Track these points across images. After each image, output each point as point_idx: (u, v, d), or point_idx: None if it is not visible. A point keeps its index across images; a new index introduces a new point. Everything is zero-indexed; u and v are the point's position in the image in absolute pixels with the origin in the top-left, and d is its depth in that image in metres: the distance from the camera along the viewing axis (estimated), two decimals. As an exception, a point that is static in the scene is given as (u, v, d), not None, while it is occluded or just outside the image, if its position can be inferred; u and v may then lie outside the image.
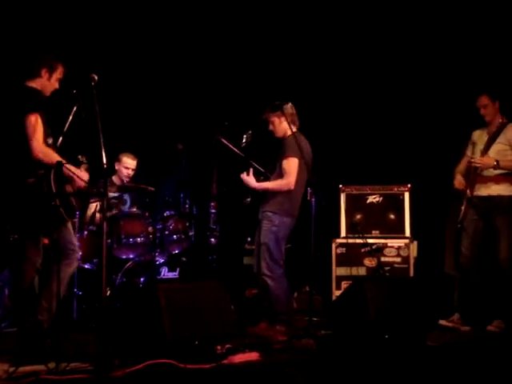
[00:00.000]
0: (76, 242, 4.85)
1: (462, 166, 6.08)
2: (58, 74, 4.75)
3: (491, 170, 5.74)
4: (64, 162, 4.48)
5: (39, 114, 4.49)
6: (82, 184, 4.74)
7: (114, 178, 6.71)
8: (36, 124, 4.45)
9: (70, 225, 4.78)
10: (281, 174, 5.64)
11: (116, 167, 6.71)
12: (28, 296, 4.68)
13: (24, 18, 6.72)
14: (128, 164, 6.67)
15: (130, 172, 6.67)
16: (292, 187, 5.60)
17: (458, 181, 5.98)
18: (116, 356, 4.17)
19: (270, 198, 5.67)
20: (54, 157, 4.51)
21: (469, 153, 6.06)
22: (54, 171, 4.47)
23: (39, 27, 6.77)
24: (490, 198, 5.79)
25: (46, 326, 4.59)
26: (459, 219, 5.94)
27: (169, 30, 7.45)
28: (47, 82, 4.71)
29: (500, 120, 5.84)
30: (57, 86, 4.78)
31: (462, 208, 5.90)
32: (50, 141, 4.64)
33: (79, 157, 4.79)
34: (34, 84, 4.67)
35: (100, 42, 7.13)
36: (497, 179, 5.77)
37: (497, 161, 5.69)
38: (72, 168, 4.62)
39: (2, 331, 5.41)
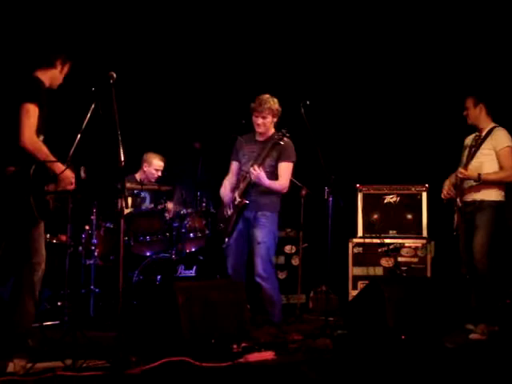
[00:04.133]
0: (43, 243, 4.54)
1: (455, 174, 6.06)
2: (67, 68, 4.68)
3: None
4: (53, 159, 4.36)
5: (37, 105, 4.35)
6: (69, 187, 4.52)
7: (137, 176, 6.75)
8: (32, 113, 4.32)
9: (41, 225, 4.51)
10: (275, 175, 5.61)
11: (145, 168, 6.77)
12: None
13: (43, 16, 6.77)
14: (159, 166, 6.78)
15: (160, 174, 6.74)
16: (286, 191, 5.66)
17: (447, 189, 5.90)
18: (132, 353, 4.18)
19: (267, 198, 5.61)
20: (43, 150, 4.36)
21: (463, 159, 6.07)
22: (36, 166, 4.31)
23: (58, 25, 6.81)
24: (473, 202, 5.74)
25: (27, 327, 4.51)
26: (454, 227, 5.90)
27: (187, 30, 7.47)
28: (59, 74, 4.63)
29: (489, 126, 5.80)
30: (62, 80, 4.69)
31: (455, 216, 5.87)
32: (41, 138, 4.46)
33: (82, 168, 4.62)
34: (43, 75, 4.55)
35: (119, 41, 7.16)
36: (481, 187, 5.71)
37: (479, 174, 5.63)
38: (60, 166, 4.42)
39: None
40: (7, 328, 4.45)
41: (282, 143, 5.46)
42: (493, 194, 5.71)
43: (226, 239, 5.64)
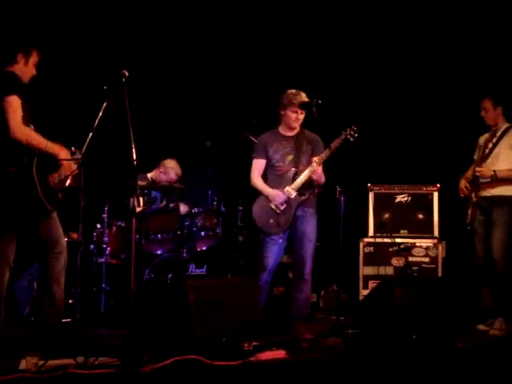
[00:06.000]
0: (61, 232, 4.70)
1: (469, 171, 6.06)
2: (34, 58, 4.71)
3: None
4: (47, 143, 4.46)
5: (18, 96, 4.42)
6: (69, 171, 4.62)
7: (149, 175, 6.75)
8: (14, 105, 4.39)
9: (55, 215, 4.64)
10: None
11: (158, 172, 6.71)
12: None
13: (59, 15, 6.80)
14: (172, 179, 6.71)
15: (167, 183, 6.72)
16: None
17: (462, 186, 5.95)
18: (144, 351, 4.20)
19: (312, 195, 5.68)
20: (35, 137, 4.46)
21: (475, 157, 6.07)
22: (38, 159, 4.40)
23: (73, 24, 6.84)
24: (492, 197, 5.78)
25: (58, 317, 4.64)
26: (467, 222, 5.90)
27: (198, 30, 7.48)
28: (25, 68, 4.66)
29: (505, 125, 5.86)
30: (34, 71, 4.73)
31: (469, 212, 5.88)
32: (32, 127, 4.56)
33: (72, 148, 4.67)
34: (13, 70, 4.61)
35: (130, 39, 7.18)
36: (499, 183, 5.74)
37: (494, 171, 5.69)
38: (57, 149, 4.54)
39: (31, 325, 5.47)
40: (40, 320, 4.60)
41: (351, 139, 5.54)
42: (509, 190, 5.73)
43: (281, 234, 5.62)
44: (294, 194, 5.57)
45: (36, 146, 4.46)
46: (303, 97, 5.60)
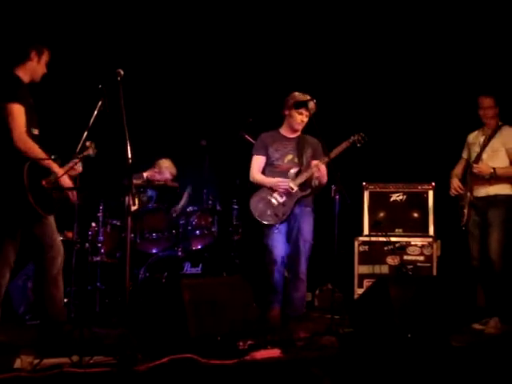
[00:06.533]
0: (56, 236, 4.70)
1: (458, 168, 6.09)
2: (45, 56, 4.71)
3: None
4: (45, 157, 4.45)
5: (20, 104, 4.41)
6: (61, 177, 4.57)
7: (145, 174, 6.72)
8: (17, 113, 4.39)
9: (49, 219, 4.62)
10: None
11: (153, 172, 6.69)
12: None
13: (52, 13, 6.79)
14: (166, 179, 6.68)
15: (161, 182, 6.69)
16: None
17: (455, 185, 5.96)
18: (139, 350, 4.19)
19: (310, 194, 5.71)
20: (36, 150, 4.44)
21: (464, 155, 6.10)
22: (29, 165, 4.38)
23: (68, 23, 6.83)
24: (487, 197, 5.79)
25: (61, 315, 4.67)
26: (463, 222, 5.92)
27: (192, 29, 7.47)
28: (37, 65, 4.66)
29: (497, 124, 5.88)
30: (45, 69, 4.73)
31: (465, 211, 5.89)
32: (36, 131, 4.57)
33: (87, 143, 4.65)
34: (22, 71, 4.61)
35: (126, 38, 7.17)
36: (493, 182, 5.76)
37: (494, 168, 5.71)
38: (51, 164, 4.52)
39: (25, 324, 5.48)
40: (44, 319, 4.62)
41: (358, 145, 5.69)
42: (506, 189, 5.76)
43: (277, 224, 5.65)
44: (295, 189, 5.62)
45: (34, 158, 4.43)
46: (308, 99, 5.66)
